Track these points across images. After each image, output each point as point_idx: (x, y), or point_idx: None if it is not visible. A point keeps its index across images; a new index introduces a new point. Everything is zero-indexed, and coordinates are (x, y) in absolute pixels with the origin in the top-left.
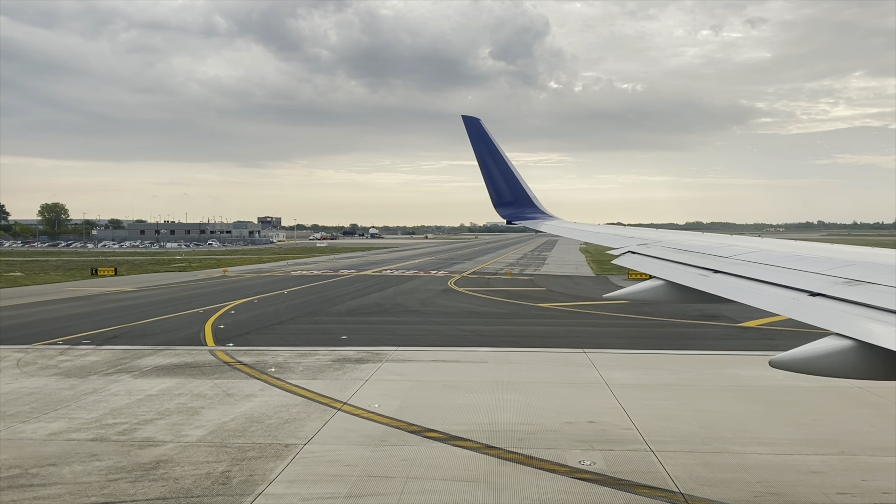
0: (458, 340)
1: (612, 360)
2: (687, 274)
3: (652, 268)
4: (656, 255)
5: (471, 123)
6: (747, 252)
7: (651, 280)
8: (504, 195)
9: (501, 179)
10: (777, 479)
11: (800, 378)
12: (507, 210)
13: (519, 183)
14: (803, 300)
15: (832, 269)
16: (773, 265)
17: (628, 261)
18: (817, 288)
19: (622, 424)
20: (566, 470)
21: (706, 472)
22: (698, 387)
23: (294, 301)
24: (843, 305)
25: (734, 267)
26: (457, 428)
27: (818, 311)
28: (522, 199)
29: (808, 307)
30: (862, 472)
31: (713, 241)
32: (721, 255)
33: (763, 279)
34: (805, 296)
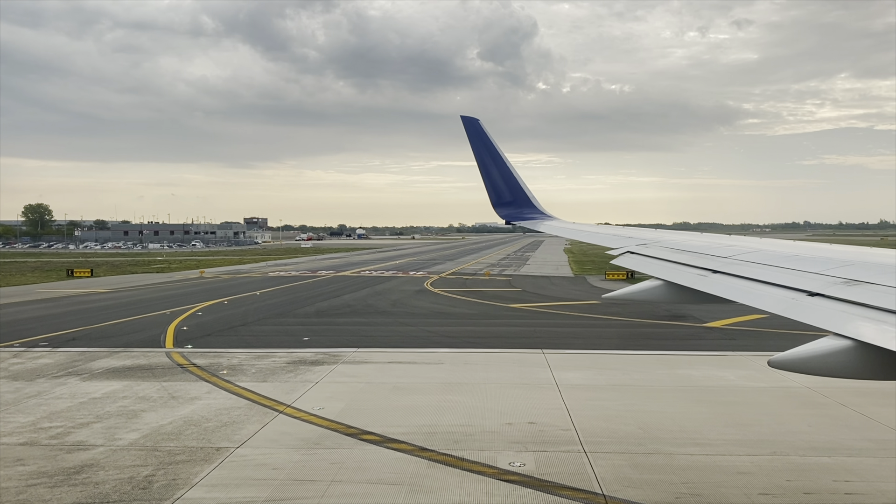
0: (420, 342)
1: (567, 360)
2: (685, 274)
3: (650, 268)
4: (655, 256)
5: (470, 124)
6: (746, 252)
7: (650, 280)
8: (503, 195)
9: (501, 180)
10: (703, 480)
11: (751, 379)
12: (506, 210)
13: (518, 183)
14: (802, 300)
15: (831, 270)
16: (771, 265)
17: (627, 261)
18: (816, 288)
19: (562, 425)
20: (494, 472)
21: (634, 473)
22: (648, 387)
23: (265, 302)
24: (841, 305)
25: (733, 267)
26: (395, 430)
27: (817, 311)
28: (521, 200)
29: (806, 307)
30: (789, 472)
31: (712, 241)
32: (720, 256)
33: (762, 279)
34: (804, 296)
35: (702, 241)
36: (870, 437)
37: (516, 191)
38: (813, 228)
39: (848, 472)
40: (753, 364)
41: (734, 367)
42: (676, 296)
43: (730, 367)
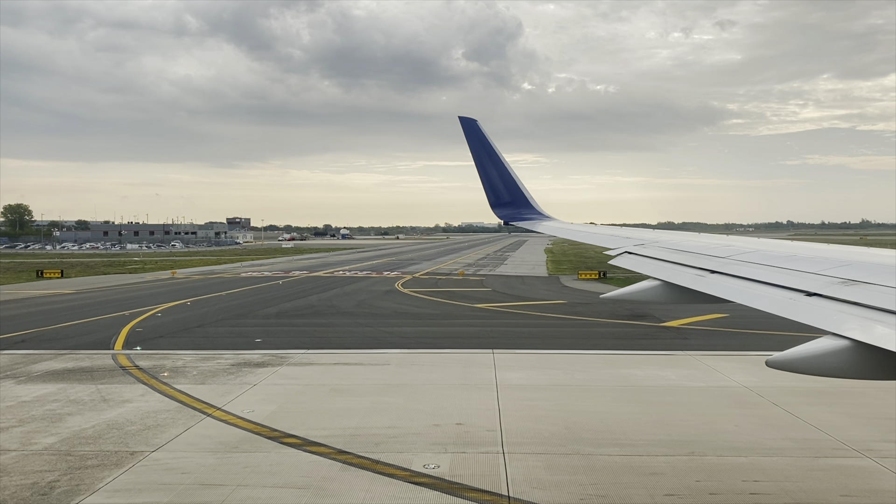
0: (374, 343)
1: (515, 360)
2: (683, 274)
3: (648, 268)
4: (653, 256)
5: (467, 124)
6: (744, 252)
7: (648, 280)
8: (501, 196)
9: (499, 180)
10: (613, 481)
11: (692, 379)
12: (505, 211)
13: (516, 184)
14: (800, 300)
15: (828, 270)
16: (769, 265)
17: (625, 261)
18: (814, 288)
19: (488, 426)
20: (406, 474)
21: (546, 474)
22: (586, 387)
23: (228, 303)
24: (839, 305)
25: (731, 267)
26: (319, 433)
27: (815, 311)
28: (520, 201)
29: (804, 307)
30: (702, 472)
31: (710, 241)
32: (717, 256)
33: (759, 279)
34: (801, 296)
35: (700, 241)
36: (792, 436)
37: (514, 191)
38: (796, 228)
39: (759, 472)
40: (698, 364)
41: (678, 367)
42: (674, 296)
43: (674, 367)
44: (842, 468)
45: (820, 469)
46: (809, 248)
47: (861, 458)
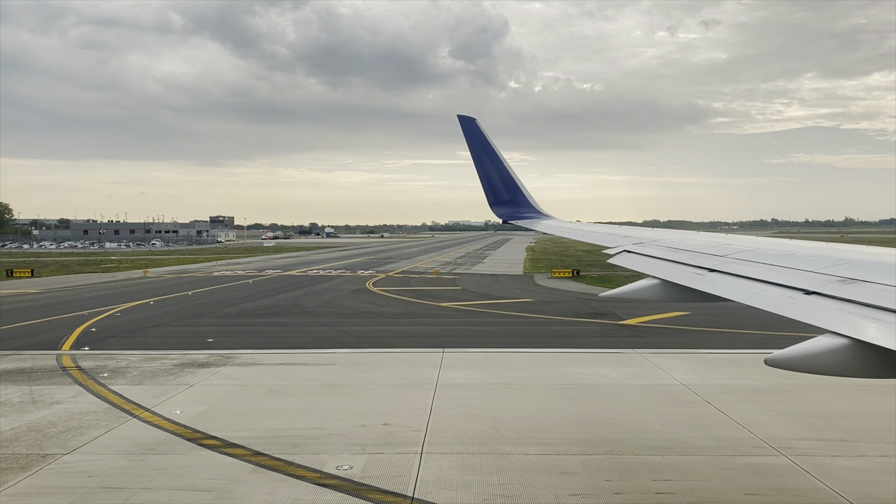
0: (328, 342)
1: (463, 359)
2: (682, 273)
3: (647, 267)
4: (652, 255)
5: (467, 123)
6: (742, 251)
7: (647, 279)
8: (501, 195)
9: (498, 179)
10: (523, 481)
11: (633, 377)
12: (504, 210)
13: (515, 183)
14: (798, 298)
15: (827, 268)
16: (767, 264)
17: (624, 259)
18: (812, 286)
19: (415, 426)
20: (316, 476)
21: (457, 474)
22: (525, 385)
23: (192, 303)
24: (838, 304)
25: (729, 266)
26: (241, 434)
27: (813, 310)
28: (519, 199)
29: (803, 305)
30: (614, 471)
31: (709, 239)
32: (716, 255)
33: (758, 278)
34: (800, 294)
35: (698, 239)
36: (715, 434)
37: (514, 190)
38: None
39: (672, 471)
40: (643, 362)
41: (623, 365)
42: (673, 295)
43: (618, 365)
44: (755, 466)
45: (733, 468)
46: (808, 247)
47: (777, 456)
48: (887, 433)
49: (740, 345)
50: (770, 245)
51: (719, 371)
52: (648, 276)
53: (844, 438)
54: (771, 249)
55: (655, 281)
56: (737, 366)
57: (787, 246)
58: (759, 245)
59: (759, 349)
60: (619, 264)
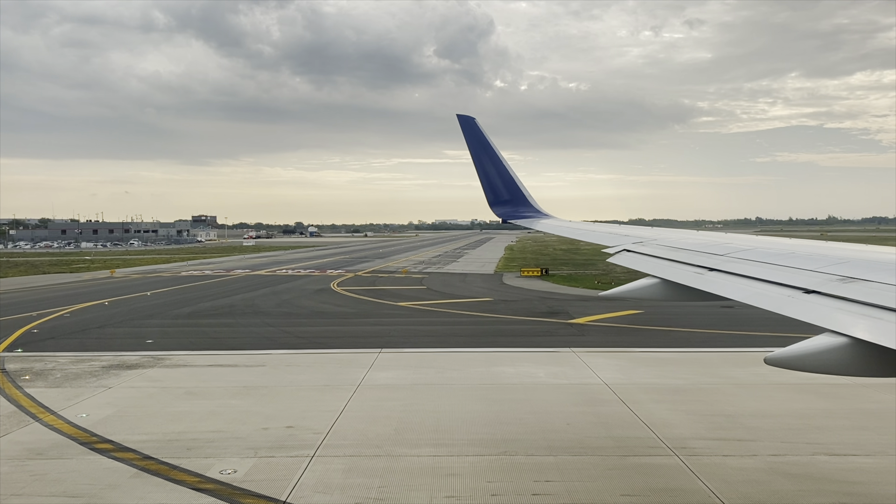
0: (268, 343)
1: (396, 359)
2: (682, 272)
3: (647, 266)
4: (651, 254)
5: (466, 122)
6: (742, 250)
7: (646, 278)
8: (500, 194)
9: (498, 178)
10: (403, 483)
11: (559, 376)
12: (503, 209)
13: (515, 182)
14: (798, 297)
15: (826, 267)
16: (767, 262)
17: (624, 259)
18: (812, 285)
19: (319, 429)
20: (195, 480)
21: (341, 477)
22: (449, 385)
23: (147, 303)
24: (837, 303)
25: (729, 265)
26: (137, 438)
27: (813, 309)
28: (518, 199)
29: (803, 304)
30: (499, 473)
31: (708, 238)
32: (716, 254)
33: (758, 277)
34: (800, 293)
35: (698, 238)
36: (615, 434)
37: (513, 190)
38: (764, 224)
39: (557, 472)
40: (575, 361)
41: (553, 364)
42: (673, 294)
43: (548, 364)
44: (642, 467)
45: (621, 468)
46: (808, 246)
47: (670, 456)
48: (789, 432)
49: (680, 343)
50: (769, 244)
51: (646, 370)
52: (648, 276)
53: (743, 438)
54: (770, 248)
55: (655, 280)
56: (665, 365)
57: (786, 245)
58: (759, 244)
59: (697, 347)
60: (619, 263)
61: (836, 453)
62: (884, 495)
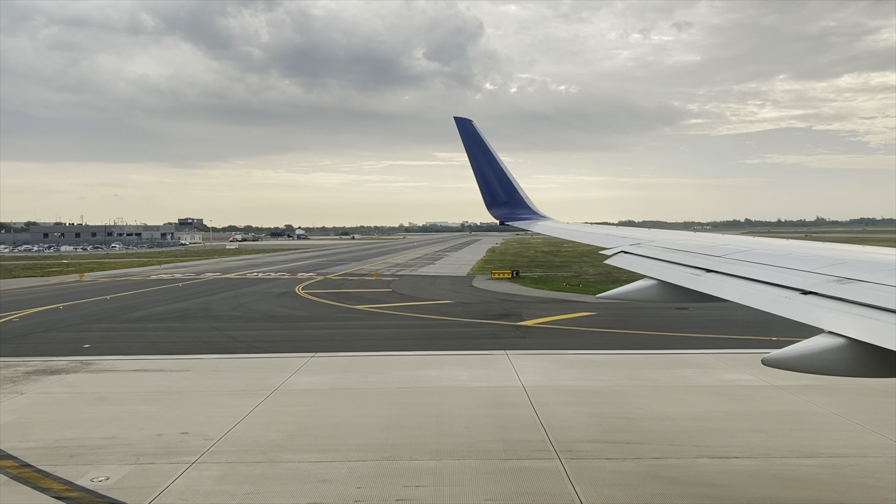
0: (205, 348)
1: (325, 364)
2: (679, 273)
3: (644, 267)
4: (649, 255)
5: (463, 125)
6: (739, 251)
7: (644, 280)
8: (498, 196)
9: (495, 180)
10: (271, 490)
11: (480, 379)
12: (501, 211)
13: (512, 184)
14: (795, 298)
15: (823, 268)
16: (764, 264)
17: (621, 260)
18: (809, 286)
19: (212, 435)
20: (61, 489)
21: (211, 484)
22: (364, 390)
23: (101, 307)
24: (834, 303)
25: (726, 266)
26: (26, 445)
27: (810, 310)
28: (516, 201)
29: (800, 305)
30: (372, 478)
31: (706, 240)
32: (713, 255)
33: (755, 278)
34: (797, 294)
35: (695, 240)
36: (508, 437)
37: (511, 192)
38: (752, 226)
39: (432, 476)
40: (504, 364)
41: (481, 367)
42: (671, 295)
43: (476, 367)
44: (521, 470)
45: (498, 471)
46: (804, 247)
47: (552, 460)
48: (683, 434)
49: (615, 346)
50: (766, 245)
51: (570, 372)
52: (646, 277)
53: (634, 440)
54: (767, 249)
55: (653, 281)
56: (591, 367)
57: (783, 246)
58: (756, 245)
59: (640, 350)
60: (616, 265)
61: (719, 455)
62: (749, 497)
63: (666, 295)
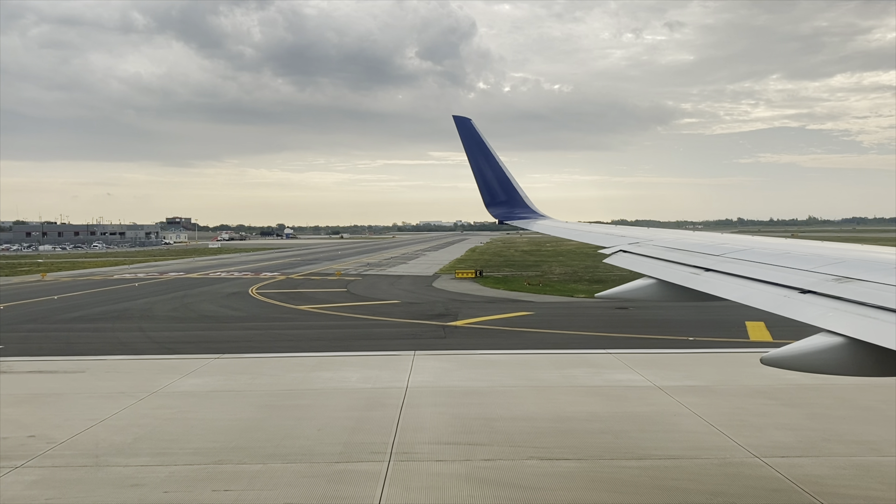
0: (116, 348)
1: (223, 366)
2: (678, 272)
3: (643, 266)
4: (647, 254)
5: (462, 124)
6: (738, 250)
7: (642, 279)
8: (497, 195)
9: (494, 179)
10: (74, 494)
11: (370, 381)
12: (499, 210)
13: (511, 183)
14: (794, 297)
15: (822, 267)
16: (763, 263)
17: (620, 259)
18: (808, 285)
19: (58, 438)
20: None
21: (19, 489)
22: (246, 392)
23: (41, 308)
24: (833, 302)
25: (725, 265)
26: None
27: (809, 309)
28: (515, 200)
29: (798, 304)
30: (185, 482)
31: (704, 239)
32: (712, 254)
33: (753, 277)
34: (796, 293)
35: (694, 239)
36: (353, 440)
37: (510, 191)
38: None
39: (247, 481)
40: (401, 365)
41: (380, 368)
42: (669, 294)
43: (375, 368)
44: (341, 473)
45: (318, 475)
46: (803, 246)
47: (380, 462)
48: (529, 436)
49: (531, 346)
50: (765, 244)
51: (462, 373)
52: (645, 276)
53: (478, 442)
54: (766, 248)
55: (652, 281)
56: (488, 367)
57: (782, 245)
58: (755, 244)
59: (546, 350)
60: (615, 264)
61: (550, 457)
62: (549, 500)
63: (665, 294)
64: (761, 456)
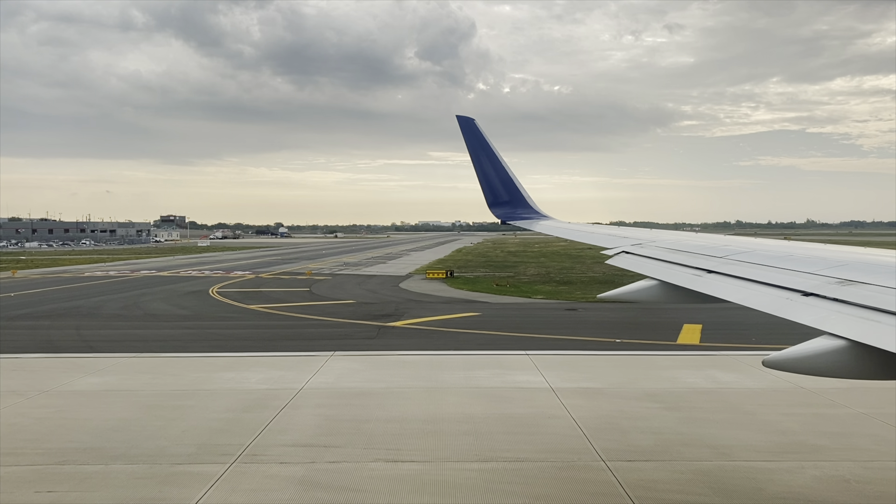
0: (44, 346)
1: (131, 364)
2: (680, 274)
3: (646, 268)
4: (650, 255)
5: (465, 123)
6: (740, 252)
7: (645, 280)
8: (500, 195)
9: (497, 179)
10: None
11: (273, 382)
12: (502, 210)
13: (514, 183)
14: (796, 300)
15: (825, 269)
16: (765, 265)
17: (622, 261)
18: (810, 288)
19: None
20: None
21: None
22: (140, 392)
23: None
24: (836, 305)
25: (727, 267)
26: None
27: (811, 311)
28: (517, 200)
29: (801, 307)
30: (48, 482)
31: (707, 241)
32: (714, 256)
33: (756, 279)
34: (798, 295)
35: (697, 240)
36: (213, 441)
37: (512, 191)
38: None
39: (78, 482)
40: (314, 365)
41: (287, 369)
42: (672, 296)
43: (283, 369)
44: (175, 475)
45: (152, 477)
46: (806, 248)
47: (222, 465)
48: (394, 438)
49: (464, 346)
50: (768, 246)
51: (367, 374)
52: (647, 277)
53: (341, 444)
54: (769, 251)
55: (654, 282)
56: (401, 367)
57: (784, 247)
58: (757, 246)
59: (467, 351)
60: (618, 265)
61: (398, 459)
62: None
63: (667, 295)
64: (607, 460)
